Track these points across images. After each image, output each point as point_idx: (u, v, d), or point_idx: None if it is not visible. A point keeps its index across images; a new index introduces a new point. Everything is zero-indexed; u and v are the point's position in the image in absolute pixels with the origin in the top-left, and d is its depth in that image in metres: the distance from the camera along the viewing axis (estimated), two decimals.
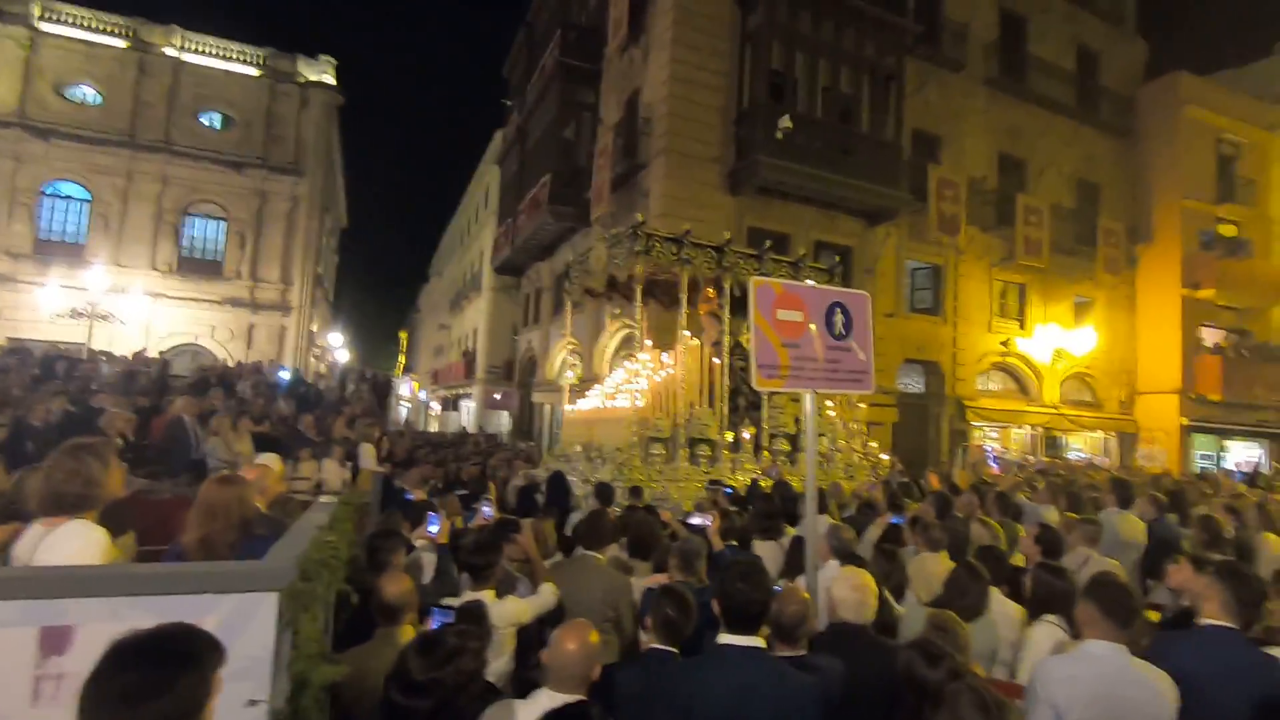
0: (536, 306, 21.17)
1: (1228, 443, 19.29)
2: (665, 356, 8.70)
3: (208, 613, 1.68)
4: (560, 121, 17.37)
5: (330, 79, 25.39)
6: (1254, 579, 2.95)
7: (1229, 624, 2.64)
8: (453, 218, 40.33)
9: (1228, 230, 19.00)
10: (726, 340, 8.62)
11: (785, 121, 12.90)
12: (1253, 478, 13.76)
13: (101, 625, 1.63)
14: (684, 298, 8.50)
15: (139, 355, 14.36)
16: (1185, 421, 17.99)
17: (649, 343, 9.37)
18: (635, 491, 6.36)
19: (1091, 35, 18.99)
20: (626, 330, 12.41)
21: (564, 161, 17.25)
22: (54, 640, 1.64)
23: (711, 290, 9.04)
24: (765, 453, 8.31)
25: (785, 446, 8.51)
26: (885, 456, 14.28)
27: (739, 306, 9.21)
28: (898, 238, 15.35)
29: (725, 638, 2.22)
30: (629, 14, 14.70)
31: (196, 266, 23.24)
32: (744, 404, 8.83)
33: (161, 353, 19.05)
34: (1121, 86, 19.38)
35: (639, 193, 14.06)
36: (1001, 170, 17.35)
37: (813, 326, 3.69)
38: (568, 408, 10.30)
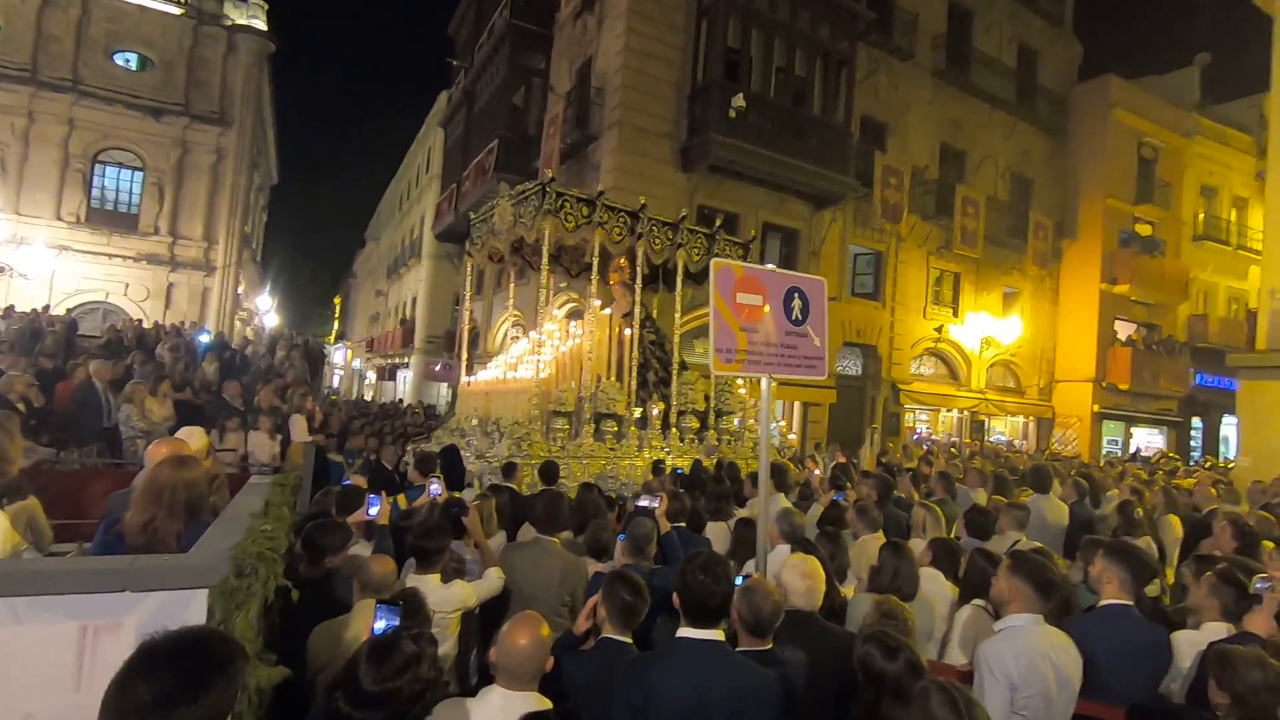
0: (480, 276, 20.64)
1: (1134, 429, 20.68)
2: (573, 326, 8.23)
3: (128, 611, 1.51)
4: (509, 86, 16.82)
5: (261, 23, 23.76)
6: (1143, 554, 3.14)
7: (1126, 601, 2.81)
8: (392, 180, 38.80)
9: (1144, 230, 20.14)
10: (638, 312, 8.27)
11: (739, 100, 12.84)
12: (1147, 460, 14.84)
13: (1, 628, 1.45)
14: (595, 263, 7.92)
15: (41, 312, 13.27)
16: (1097, 408, 19.16)
17: (557, 312, 8.99)
18: (509, 469, 5.94)
19: (1032, 34, 19.60)
20: (573, 304, 12.16)
21: (513, 128, 16.75)
22: None
23: (624, 259, 8.60)
24: (674, 430, 8.04)
25: (694, 424, 8.26)
26: (793, 436, 14.58)
27: (651, 278, 9.02)
28: (843, 222, 15.61)
29: (685, 631, 2.19)
30: None
31: (109, 218, 21.55)
32: (654, 379, 8.49)
33: (69, 310, 17.72)
34: (1057, 86, 20.13)
35: (589, 164, 13.80)
36: (943, 160, 17.82)
37: (766, 308, 3.67)
38: (465, 379, 9.62)
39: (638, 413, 7.83)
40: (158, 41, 22.08)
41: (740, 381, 8.76)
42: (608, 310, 8.50)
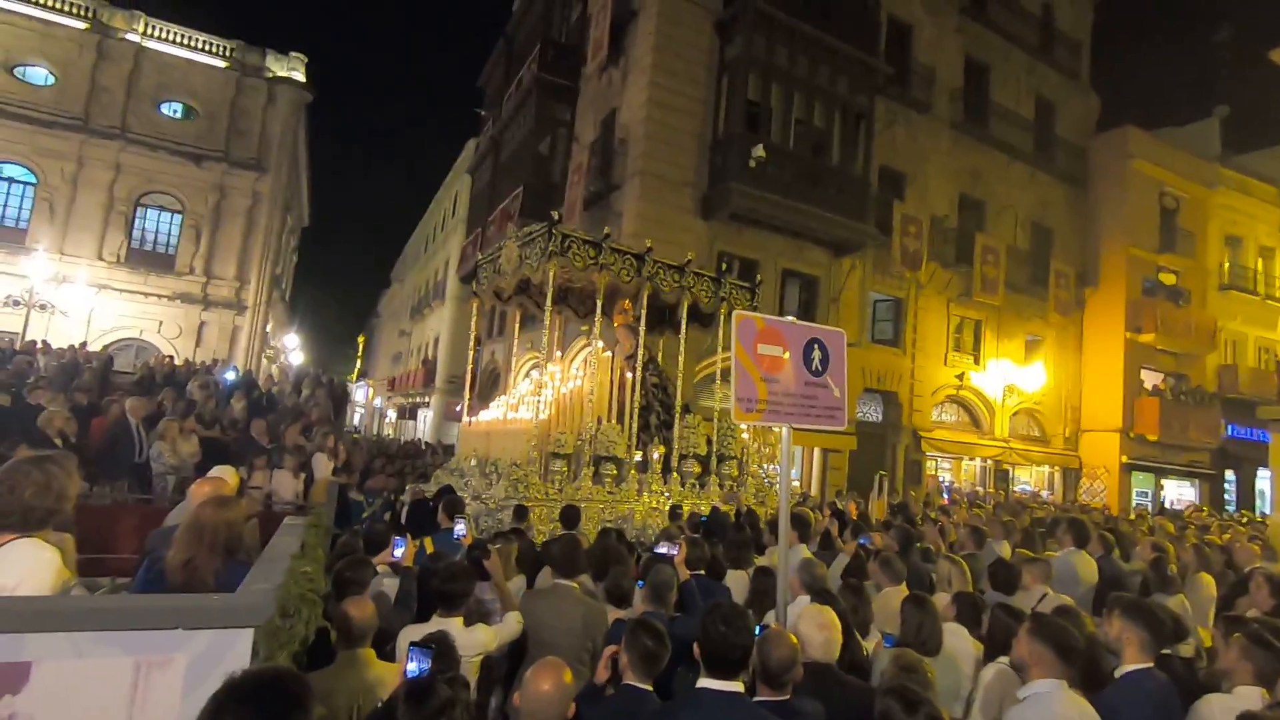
0: (501, 318, 20.97)
1: (1165, 481, 20.16)
2: (574, 367, 8.22)
3: (179, 649, 1.59)
4: (536, 136, 17.36)
5: (300, 75, 24.89)
6: (1161, 611, 3.06)
7: (1148, 664, 2.73)
8: (419, 224, 39.85)
9: (1168, 279, 20.00)
10: (641, 354, 8.20)
11: (759, 151, 13.15)
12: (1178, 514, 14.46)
13: (62, 662, 1.53)
14: (600, 304, 7.88)
15: (78, 349, 13.68)
16: (1125, 459, 18.75)
17: (559, 353, 9.02)
18: (521, 513, 6.00)
19: (1049, 87, 19.91)
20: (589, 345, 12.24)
21: (537, 176, 17.22)
22: (8, 678, 1.53)
23: (628, 302, 8.61)
24: (675, 474, 7.92)
25: (696, 468, 8.13)
26: (795, 483, 14.33)
27: (656, 321, 8.98)
28: (862, 270, 15.72)
29: (705, 682, 2.21)
30: (610, 35, 14.85)
31: (147, 259, 22.37)
32: (656, 422, 8.38)
33: (105, 347, 18.24)
34: (1075, 136, 20.33)
35: (612, 213, 14.12)
36: (962, 209, 17.97)
37: (786, 357, 3.74)
38: (466, 419, 9.63)
39: (638, 456, 7.71)
40: (202, 93, 23.21)
41: (743, 426, 8.67)
42: (610, 352, 8.52)
